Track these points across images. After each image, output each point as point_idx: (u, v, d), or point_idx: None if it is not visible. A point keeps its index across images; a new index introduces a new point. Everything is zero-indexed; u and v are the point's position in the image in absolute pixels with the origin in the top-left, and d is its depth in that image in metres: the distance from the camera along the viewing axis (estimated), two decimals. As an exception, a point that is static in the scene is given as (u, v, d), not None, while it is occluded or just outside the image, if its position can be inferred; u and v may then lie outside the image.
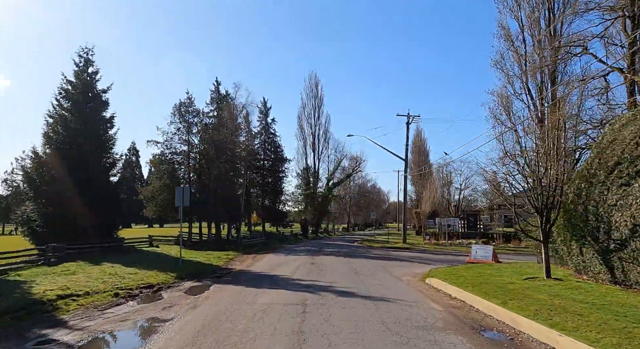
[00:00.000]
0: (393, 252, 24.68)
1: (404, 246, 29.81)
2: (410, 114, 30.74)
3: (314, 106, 67.60)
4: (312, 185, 63.37)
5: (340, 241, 39.04)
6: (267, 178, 49.17)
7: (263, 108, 48.63)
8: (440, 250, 27.93)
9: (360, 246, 30.36)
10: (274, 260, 19.08)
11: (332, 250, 25.02)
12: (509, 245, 30.51)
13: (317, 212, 59.71)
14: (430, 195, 49.42)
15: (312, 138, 66.56)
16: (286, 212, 53.19)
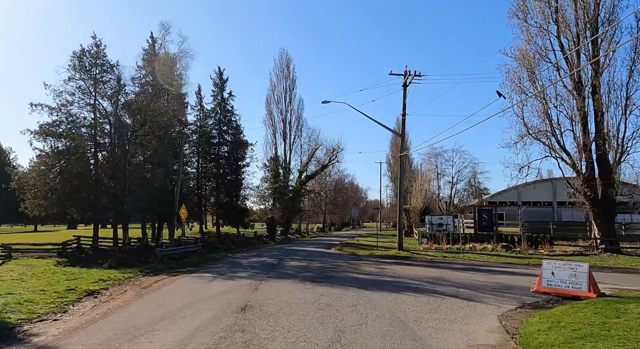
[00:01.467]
0: (391, 267, 15.97)
1: (401, 255, 21.23)
2: (408, 72, 22.19)
3: (285, 88, 58.61)
4: (283, 178, 54.44)
5: (312, 245, 30.13)
6: (224, 167, 39.74)
7: (218, 80, 39.14)
8: (453, 260, 19.49)
9: (339, 255, 21.58)
10: (173, 296, 9.82)
11: (297, 265, 16.07)
12: (540, 252, 22.44)
13: (287, 210, 50.76)
14: (422, 188, 41.25)
15: (283, 125, 57.62)
16: (247, 209, 43.82)
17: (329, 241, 34.71)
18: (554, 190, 57.61)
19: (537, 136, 24.96)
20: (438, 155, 51.40)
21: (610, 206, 22.30)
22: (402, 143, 22.28)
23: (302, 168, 55.50)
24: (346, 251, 23.80)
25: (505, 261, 18.81)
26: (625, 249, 22.05)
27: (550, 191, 57.28)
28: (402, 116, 22.53)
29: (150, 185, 24.04)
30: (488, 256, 21.07)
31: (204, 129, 39.18)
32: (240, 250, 25.14)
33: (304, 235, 58.68)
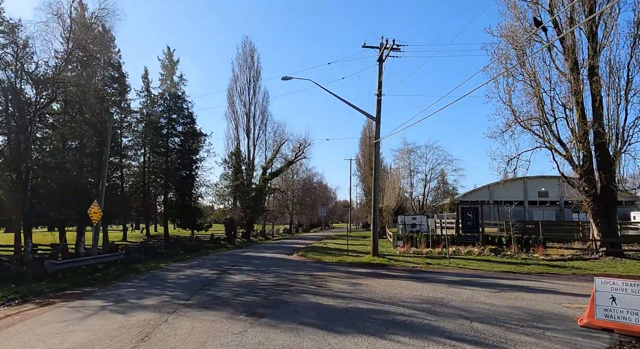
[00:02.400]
0: (367, 281, 12.12)
1: (376, 262, 17.52)
2: (384, 43, 18.58)
3: (249, 79, 54.14)
4: (246, 176, 49.97)
5: (273, 249, 26.00)
6: (175, 161, 34.88)
7: (167, 62, 34.21)
8: (439, 268, 15.98)
9: (302, 263, 17.63)
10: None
11: (241, 281, 11.91)
12: (534, 256, 19.39)
13: (249, 210, 46.36)
14: (394, 186, 38.00)
15: (246, 119, 53.14)
16: (201, 209, 39.03)
17: (293, 245, 30.68)
18: (525, 189, 56.23)
19: (526, 125, 22.03)
20: (411, 152, 48.69)
21: (610, 202, 19.58)
22: (377, 127, 18.61)
23: (266, 165, 51.22)
24: (311, 257, 19.87)
25: (501, 269, 15.50)
26: (628, 252, 19.39)
27: (522, 191, 55.87)
28: (377, 96, 18.87)
29: (68, 178, 19.18)
30: (477, 262, 17.75)
31: (151, 118, 34.18)
32: (184, 257, 20.66)
33: (269, 237, 54.32)
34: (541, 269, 15.68)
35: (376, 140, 18.65)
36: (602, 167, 19.55)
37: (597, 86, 19.90)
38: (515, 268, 15.84)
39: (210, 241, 35.52)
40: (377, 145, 18.80)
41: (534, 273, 14.94)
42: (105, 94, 28.63)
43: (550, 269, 15.62)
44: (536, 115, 21.44)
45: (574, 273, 14.77)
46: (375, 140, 18.73)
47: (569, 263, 17.55)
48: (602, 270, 15.30)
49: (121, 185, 32.29)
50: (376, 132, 18.72)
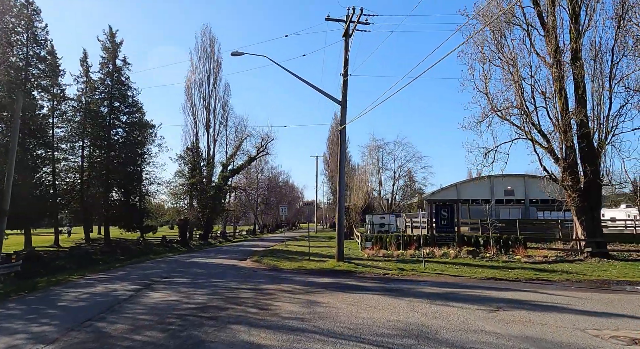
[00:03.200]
0: (328, 299, 9.38)
1: (341, 269, 14.89)
2: (351, 15, 16.04)
3: (209, 71, 50.62)
4: (207, 174, 46.43)
5: (226, 254, 22.92)
6: (117, 156, 30.95)
7: (109, 43, 30.20)
8: (415, 276, 13.60)
9: (251, 272, 14.78)
10: None
11: (157, 304, 8.83)
12: (516, 258, 17.45)
13: (207, 210, 42.89)
14: (362, 184, 35.74)
15: (206, 113, 49.66)
16: (148, 210, 35.15)
17: (252, 248, 27.67)
18: (491, 187, 55.63)
19: (504, 114, 20.20)
20: (379, 148, 46.66)
21: (595, 198, 17.97)
22: (342, 112, 16.03)
23: (226, 162, 47.81)
24: (266, 263, 17.02)
25: (484, 276, 13.30)
26: (611, 252, 17.83)
27: (488, 189, 55.32)
28: (342, 76, 16.30)
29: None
30: (456, 266, 15.54)
31: (90, 106, 30.11)
32: (114, 266, 17.24)
33: (230, 238, 50.82)
34: (528, 274, 13.62)
35: (342, 126, 16.06)
36: (587, 159, 17.91)
37: (580, 71, 18.27)
38: (499, 274, 13.71)
39: (161, 244, 31.88)
40: (342, 132, 16.22)
41: (523, 279, 12.84)
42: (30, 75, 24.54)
43: (539, 274, 13.58)
44: (515, 103, 19.62)
45: (567, 279, 12.76)
46: (340, 126, 16.15)
47: (555, 266, 15.67)
48: (596, 275, 13.43)
49: (53, 182, 28.09)
50: (342, 117, 16.13)
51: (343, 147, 16.13)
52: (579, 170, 18.33)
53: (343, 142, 16.20)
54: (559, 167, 18.39)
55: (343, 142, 16.18)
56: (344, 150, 16.15)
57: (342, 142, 16.16)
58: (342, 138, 16.22)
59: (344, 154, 16.29)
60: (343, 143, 16.14)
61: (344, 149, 16.20)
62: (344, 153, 16.13)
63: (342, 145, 16.13)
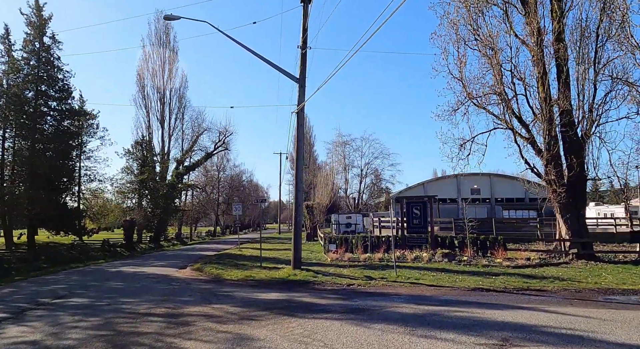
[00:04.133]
0: (267, 333, 6.71)
1: (296, 279, 12.21)
2: (312, -24, 13.40)
3: (163, 60, 46.77)
4: (160, 171, 42.55)
5: (166, 261, 19.72)
6: (46, 149, 26.81)
7: (34, 16, 25.99)
8: (386, 286, 11.17)
9: (186, 284, 11.87)
10: None
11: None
12: (496, 261, 15.43)
13: (158, 209, 39.14)
14: (327, 181, 33.29)
15: (161, 105, 45.77)
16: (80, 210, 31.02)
17: (202, 252, 24.47)
18: (458, 185, 54.86)
19: (481, 103, 18.29)
20: (346, 144, 44.53)
21: (580, 194, 16.30)
22: (300, 91, 13.41)
23: (181, 158, 44.06)
24: (208, 272, 14.08)
25: (467, 285, 11.06)
26: (598, 253, 16.19)
27: (455, 188, 54.53)
28: (300, 49, 13.68)
29: None
30: (432, 272, 13.25)
31: (13, 90, 25.86)
32: (13, 279, 13.72)
33: (186, 240, 46.97)
34: (516, 282, 11.50)
35: (299, 106, 13.41)
36: (571, 151, 16.21)
37: (563, 54, 16.55)
38: (484, 282, 11.52)
39: (101, 249, 28.03)
40: (300, 115, 13.55)
41: (512, 288, 10.70)
42: None
43: (528, 282, 11.49)
44: (492, 90, 17.71)
45: (564, 288, 10.71)
46: (297, 106, 13.49)
47: (542, 270, 13.73)
48: (593, 282, 11.51)
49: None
50: (299, 97, 13.49)
51: (301, 132, 13.48)
52: (563, 163, 16.67)
53: (301, 125, 13.55)
54: (542, 159, 16.61)
55: (301, 126, 13.53)
56: (302, 135, 13.53)
57: (300, 125, 13.50)
58: (299, 121, 13.55)
59: (302, 141, 13.64)
60: (301, 127, 13.49)
61: (302, 134, 13.56)
62: (302, 139, 13.51)
63: (300, 129, 13.47)
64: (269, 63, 13.73)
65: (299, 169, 13.58)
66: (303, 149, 13.54)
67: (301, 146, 13.59)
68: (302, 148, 13.61)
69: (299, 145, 13.56)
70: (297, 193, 13.63)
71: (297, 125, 13.60)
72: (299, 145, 13.56)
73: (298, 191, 13.62)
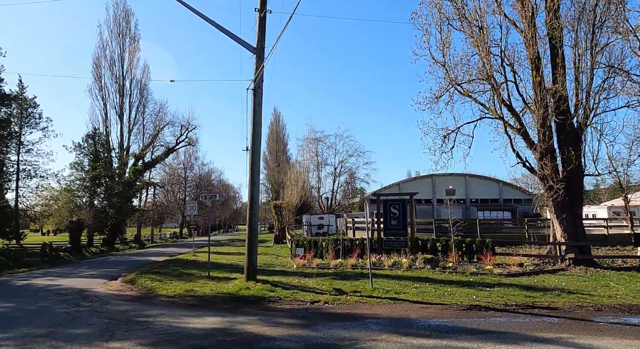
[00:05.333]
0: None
1: (248, 295, 9.65)
2: None
3: (122, 48, 43.37)
4: (118, 168, 39.03)
5: (101, 269, 16.73)
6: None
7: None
8: (359, 304, 8.83)
9: (102, 303, 9.15)
10: None
11: None
12: (485, 268, 13.39)
13: (112, 209, 35.64)
14: (298, 178, 30.84)
15: (120, 97, 42.30)
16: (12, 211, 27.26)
17: (152, 257, 21.46)
18: (433, 186, 53.59)
19: (466, 90, 16.32)
20: (319, 141, 42.20)
21: (576, 192, 14.51)
22: (257, 63, 10.92)
23: (140, 153, 40.59)
24: (140, 285, 11.34)
25: (459, 301, 8.88)
26: (596, 258, 14.44)
27: (430, 188, 53.24)
28: (258, 12, 11.17)
29: None
30: (416, 283, 11.00)
31: None
32: None
33: (146, 243, 43.36)
34: (518, 296, 9.42)
35: (255, 81, 10.90)
36: (567, 142, 14.42)
37: (559, 34, 14.77)
38: (478, 296, 9.39)
39: (40, 254, 24.52)
40: (258, 93, 11.04)
41: (514, 305, 8.60)
42: None
43: (532, 296, 9.43)
44: (479, 74, 15.75)
45: (577, 304, 8.69)
46: (254, 81, 10.98)
47: (540, 279, 11.78)
48: (606, 295, 9.57)
49: None
50: (256, 69, 10.99)
51: (258, 112, 10.98)
52: (557, 157, 14.87)
53: (259, 105, 11.03)
54: (534, 152, 14.75)
55: (259, 106, 11.01)
56: (260, 117, 11.04)
57: (257, 105, 10.98)
58: (256, 100, 11.04)
59: (259, 125, 11.11)
60: (259, 107, 10.98)
61: (259, 116, 11.04)
62: (259, 122, 11.03)
63: (257, 109, 10.96)
64: (220, 28, 11.16)
65: (255, 159, 11.06)
66: (260, 134, 11.04)
67: (258, 131, 11.08)
68: (260, 133, 11.10)
69: (255, 128, 11.04)
70: (253, 187, 11.09)
71: (254, 105, 11.09)
72: (255, 128, 11.04)
73: (254, 185, 11.09)
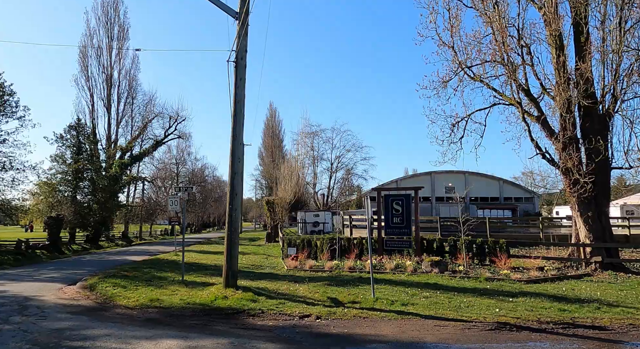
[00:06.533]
0: None
1: (229, 306, 7.94)
2: None
3: (111, 37, 41.62)
4: (105, 162, 37.19)
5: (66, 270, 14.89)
6: None
7: None
8: (359, 320, 7.14)
9: (38, 317, 7.38)
10: None
11: None
12: (502, 273, 11.73)
13: (96, 205, 33.77)
14: (292, 173, 29.12)
15: (107, 88, 40.48)
16: None
17: (131, 257, 19.66)
18: (432, 184, 52.09)
19: (477, 74, 14.66)
20: (315, 135, 40.43)
21: (603, 187, 12.87)
22: (240, 31, 9.22)
23: (126, 146, 38.69)
24: (99, 292, 9.59)
25: (483, 316, 7.24)
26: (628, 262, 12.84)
27: (429, 186, 51.74)
28: (243, -30, 9.37)
29: None
30: (424, 292, 9.31)
31: None
32: None
33: (134, 240, 41.46)
34: (549, 308, 7.80)
35: (238, 51, 9.16)
36: (592, 132, 12.77)
37: (582, 10, 13.09)
38: (502, 308, 7.76)
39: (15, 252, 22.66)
40: (240, 65, 9.27)
41: (550, 322, 6.96)
42: None
43: (566, 309, 7.80)
44: (494, 56, 14.07)
45: (631, 323, 7.02)
46: (236, 51, 9.23)
47: (568, 286, 10.15)
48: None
49: None
50: (238, 38, 9.24)
51: (240, 86, 9.22)
52: (580, 148, 13.23)
53: (241, 80, 9.28)
54: (555, 143, 13.08)
55: (241, 80, 9.25)
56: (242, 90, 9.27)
57: (239, 79, 9.24)
58: (238, 74, 9.29)
59: (241, 103, 9.36)
60: (241, 82, 9.23)
61: (241, 93, 9.30)
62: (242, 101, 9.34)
63: (239, 83, 9.22)
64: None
65: (236, 143, 9.31)
66: (243, 114, 9.31)
67: (240, 109, 9.33)
68: (242, 112, 9.36)
69: (237, 107, 9.29)
70: (234, 177, 9.34)
71: (236, 79, 9.33)
72: (236, 107, 9.29)
73: (235, 174, 9.34)
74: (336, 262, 13.74)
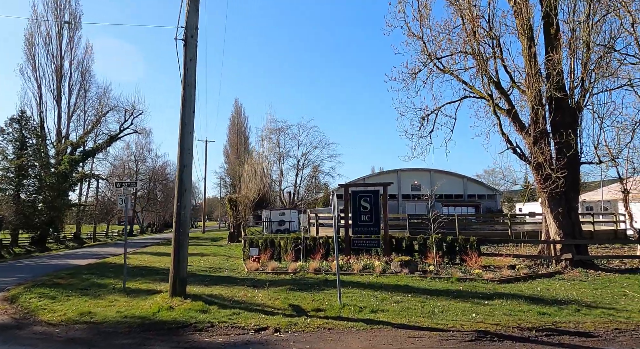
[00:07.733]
0: None
1: (173, 319, 6.80)
2: None
3: (61, 24, 38.63)
4: (54, 158, 34.42)
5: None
6: None
7: None
8: (323, 330, 6.19)
9: None
10: None
11: None
12: (474, 272, 11.19)
13: (43, 204, 31.20)
14: (257, 169, 27.89)
15: (57, 79, 37.49)
16: None
17: (73, 261, 17.75)
18: (399, 182, 52.15)
19: (447, 66, 14.16)
20: (281, 131, 39.25)
21: (572, 183, 12.64)
22: (191, 5, 7.96)
23: (77, 141, 36.00)
24: (21, 304, 8.15)
25: (460, 324, 6.51)
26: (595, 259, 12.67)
27: (396, 183, 51.75)
28: None
29: None
30: (395, 295, 8.53)
31: None
32: None
33: (87, 242, 38.67)
34: (528, 312, 7.22)
35: (186, 27, 7.99)
36: (563, 125, 12.49)
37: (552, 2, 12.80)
38: (479, 314, 7.09)
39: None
40: (190, 43, 8.10)
41: (531, 328, 6.35)
42: None
43: (545, 312, 7.25)
44: (464, 47, 13.57)
45: (612, 326, 6.53)
46: (185, 28, 8.05)
47: (543, 286, 9.70)
48: (636, 310, 7.53)
49: None
50: (188, 13, 8.06)
51: (190, 68, 8.06)
52: (550, 142, 12.96)
53: (191, 60, 8.11)
54: (526, 137, 12.73)
55: (191, 61, 8.09)
56: (193, 72, 8.13)
57: (189, 60, 8.06)
58: (189, 53, 8.12)
59: (191, 86, 8.19)
60: (191, 63, 8.06)
61: (191, 73, 8.13)
62: (192, 82, 8.18)
63: (189, 64, 8.06)
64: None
65: (185, 131, 8.13)
66: (193, 99, 8.17)
67: (190, 94, 8.16)
68: (193, 97, 8.19)
69: (187, 91, 8.11)
70: (182, 170, 8.17)
71: (185, 60, 8.16)
72: (186, 92, 8.11)
73: (184, 167, 8.17)
74: (301, 263, 12.79)
